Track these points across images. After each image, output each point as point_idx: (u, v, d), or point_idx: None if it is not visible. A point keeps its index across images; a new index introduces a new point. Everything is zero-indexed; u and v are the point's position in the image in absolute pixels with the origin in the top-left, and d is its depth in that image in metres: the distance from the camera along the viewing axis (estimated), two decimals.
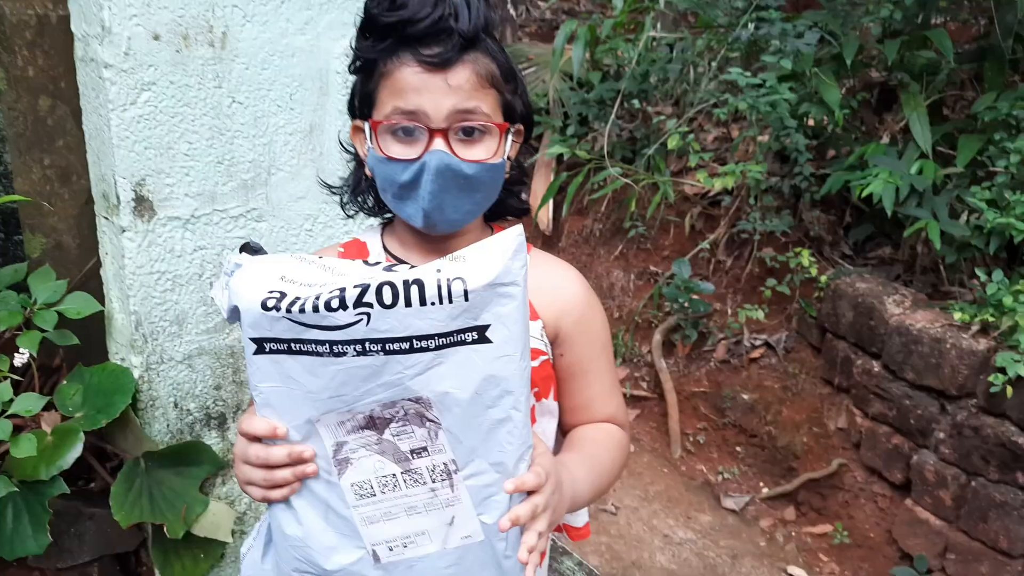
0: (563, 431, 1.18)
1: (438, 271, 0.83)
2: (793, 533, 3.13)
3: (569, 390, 1.15)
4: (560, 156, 4.23)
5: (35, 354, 1.72)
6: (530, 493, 0.90)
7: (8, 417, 1.62)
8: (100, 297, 1.86)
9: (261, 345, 0.87)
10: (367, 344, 0.84)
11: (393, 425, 0.87)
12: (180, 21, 1.67)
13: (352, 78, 1.10)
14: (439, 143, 1.00)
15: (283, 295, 0.85)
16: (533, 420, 1.10)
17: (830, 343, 3.29)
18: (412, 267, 0.86)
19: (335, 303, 0.83)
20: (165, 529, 1.75)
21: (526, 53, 5.23)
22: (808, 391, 3.36)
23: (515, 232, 0.85)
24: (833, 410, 3.27)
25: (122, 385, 1.75)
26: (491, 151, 1.03)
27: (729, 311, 3.71)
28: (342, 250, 1.17)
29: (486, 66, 1.02)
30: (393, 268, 0.87)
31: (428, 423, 0.87)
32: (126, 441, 1.80)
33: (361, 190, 1.17)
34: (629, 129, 4.41)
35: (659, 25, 4.41)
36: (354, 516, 0.91)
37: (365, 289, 0.82)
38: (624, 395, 3.63)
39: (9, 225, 2.06)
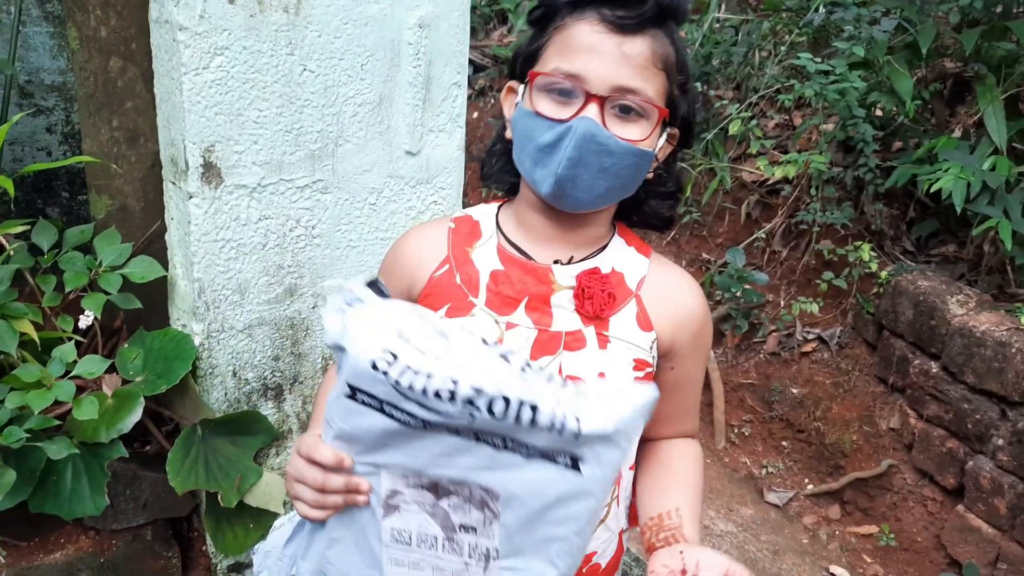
0: (644, 437, 1.13)
1: (557, 401, 0.81)
2: (837, 532, 3.08)
3: (664, 399, 1.10)
4: None
5: (99, 316, 1.72)
6: None
7: (71, 378, 1.63)
8: (162, 262, 1.86)
9: (354, 393, 0.86)
10: (461, 430, 0.84)
11: (454, 498, 0.89)
12: None
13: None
14: (592, 110, 0.94)
15: (395, 359, 0.82)
16: None
17: (887, 341, 3.20)
18: (528, 366, 0.83)
19: (445, 395, 0.81)
20: (219, 497, 1.75)
21: None
22: (860, 388, 3.28)
23: (649, 389, 0.84)
24: (886, 409, 3.19)
25: (183, 351, 1.75)
26: (644, 134, 0.97)
27: (782, 303, 3.63)
28: (452, 225, 1.11)
29: (664, 47, 0.96)
30: (508, 356, 0.84)
31: (487, 510, 0.88)
32: (184, 407, 1.80)
33: (494, 153, 1.12)
34: None
35: (724, 7, 4.30)
36: (383, 553, 0.93)
37: (479, 392, 0.81)
38: None
39: (75, 185, 2.06)
